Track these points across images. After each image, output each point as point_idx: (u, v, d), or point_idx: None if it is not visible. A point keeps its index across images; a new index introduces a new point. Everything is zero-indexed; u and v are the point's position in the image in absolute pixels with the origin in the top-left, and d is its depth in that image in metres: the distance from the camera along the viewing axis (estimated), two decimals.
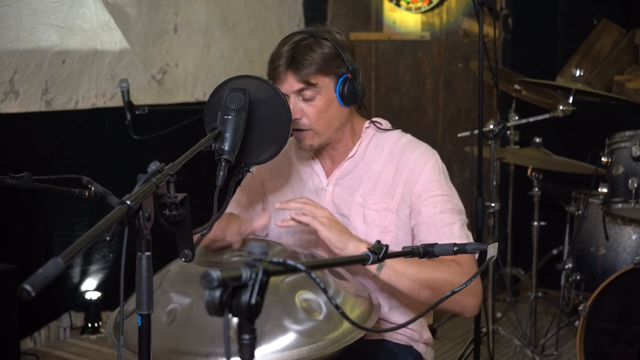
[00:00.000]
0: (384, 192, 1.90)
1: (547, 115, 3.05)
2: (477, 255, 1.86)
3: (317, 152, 1.99)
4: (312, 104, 1.83)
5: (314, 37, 1.82)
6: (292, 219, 1.75)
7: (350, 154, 1.95)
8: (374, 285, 1.87)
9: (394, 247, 1.86)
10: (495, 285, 3.76)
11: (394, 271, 1.70)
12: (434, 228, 1.84)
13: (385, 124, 2.00)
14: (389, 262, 1.68)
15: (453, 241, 1.81)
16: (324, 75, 1.82)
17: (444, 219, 1.85)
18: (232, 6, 4.25)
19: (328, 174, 1.98)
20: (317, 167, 1.99)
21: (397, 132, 1.98)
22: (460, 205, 1.90)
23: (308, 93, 1.82)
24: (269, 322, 1.45)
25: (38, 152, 3.38)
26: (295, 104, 1.83)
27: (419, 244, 1.83)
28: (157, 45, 3.84)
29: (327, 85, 1.83)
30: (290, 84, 1.82)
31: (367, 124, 1.98)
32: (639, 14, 4.32)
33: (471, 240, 1.89)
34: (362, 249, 1.68)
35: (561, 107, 3.00)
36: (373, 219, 1.89)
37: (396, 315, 1.93)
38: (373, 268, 1.68)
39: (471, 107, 4.45)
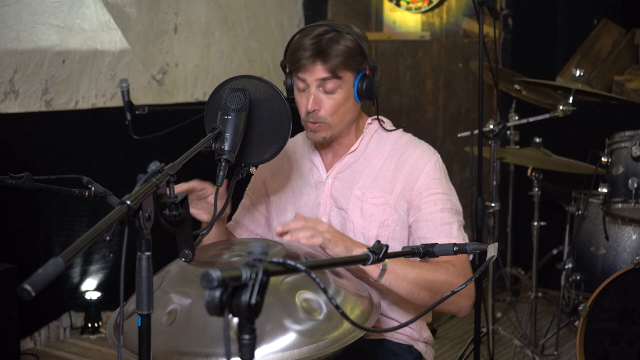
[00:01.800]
0: (383, 187, 1.91)
1: (547, 115, 3.05)
2: (471, 257, 1.87)
3: (320, 145, 2.00)
4: (332, 96, 1.84)
5: (336, 30, 1.82)
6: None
7: (352, 149, 1.96)
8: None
9: (392, 242, 1.87)
10: (495, 285, 3.76)
11: (394, 275, 1.70)
12: (434, 225, 1.85)
13: (388, 122, 2.01)
14: (390, 266, 1.68)
15: (451, 240, 1.82)
16: (347, 69, 1.83)
17: (443, 217, 1.85)
18: (232, 6, 4.24)
19: (328, 168, 1.99)
20: (318, 161, 2.00)
21: (398, 131, 2.00)
22: (458, 205, 1.91)
23: (330, 85, 1.83)
24: (269, 322, 1.45)
25: (38, 152, 3.38)
26: (316, 95, 1.83)
27: (418, 242, 1.85)
28: (157, 45, 3.84)
29: (348, 80, 1.85)
30: (317, 73, 1.81)
31: (369, 120, 1.99)
32: (639, 14, 4.32)
33: (467, 241, 1.89)
34: None
35: (561, 107, 3.00)
36: (371, 213, 1.90)
37: (397, 312, 1.93)
38: (375, 273, 1.68)
39: (471, 107, 4.45)
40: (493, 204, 3.08)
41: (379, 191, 1.91)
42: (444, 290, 1.75)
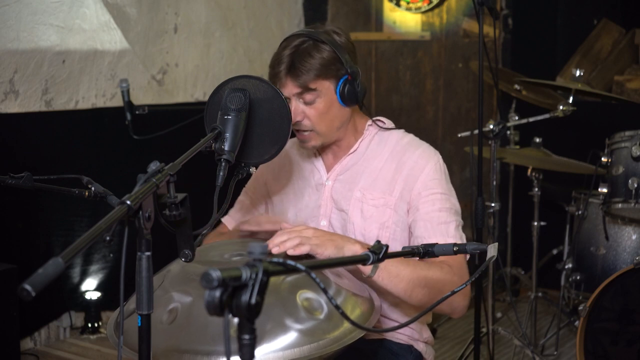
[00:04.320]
0: (383, 188, 1.91)
1: (547, 115, 3.05)
2: (468, 257, 1.87)
3: (320, 149, 2.00)
4: (313, 106, 1.85)
5: (313, 39, 1.83)
6: (290, 255, 1.66)
7: (352, 150, 1.96)
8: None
9: (392, 244, 1.87)
10: (495, 285, 3.76)
11: (387, 273, 1.70)
12: (431, 225, 1.85)
13: (389, 123, 2.02)
14: (383, 264, 1.68)
15: (448, 239, 1.82)
16: (324, 79, 1.84)
17: (441, 216, 1.85)
18: (232, 6, 4.25)
19: (328, 169, 1.99)
20: (319, 163, 2.01)
21: (400, 132, 2.00)
22: (457, 206, 1.91)
23: (308, 97, 1.84)
24: (270, 321, 1.45)
25: (38, 152, 3.38)
26: (297, 107, 1.85)
27: (416, 242, 1.86)
28: (157, 45, 3.84)
29: (327, 88, 1.85)
30: (290, 89, 1.84)
31: (369, 121, 1.99)
32: (639, 14, 4.32)
33: (464, 241, 1.89)
34: (356, 249, 1.68)
35: (561, 107, 3.00)
36: (371, 214, 1.90)
37: (396, 313, 1.93)
38: (367, 270, 1.68)
39: (471, 107, 4.45)
40: (493, 204, 3.08)
41: (378, 192, 1.91)
42: (439, 289, 1.75)
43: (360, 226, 1.90)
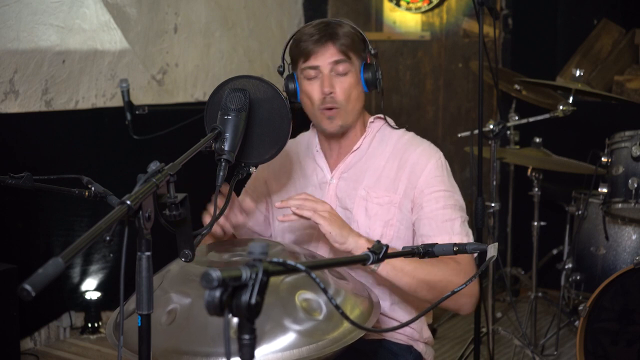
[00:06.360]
0: (387, 186, 1.91)
1: (547, 115, 3.05)
2: (476, 255, 1.87)
3: (324, 143, 2.00)
4: (345, 79, 1.86)
5: (335, 21, 1.88)
6: (294, 213, 1.74)
7: (355, 147, 1.96)
8: (374, 281, 1.87)
9: (396, 242, 1.88)
10: (495, 285, 3.76)
11: (392, 267, 1.70)
12: (435, 223, 1.85)
13: (390, 122, 2.02)
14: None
15: (453, 237, 1.83)
16: (354, 53, 1.87)
17: (445, 214, 1.86)
18: (232, 6, 4.24)
19: (332, 168, 1.99)
20: (322, 161, 2.00)
21: (400, 130, 2.00)
22: (461, 202, 1.92)
23: (342, 67, 1.86)
24: (269, 321, 1.45)
25: (38, 152, 3.38)
26: (330, 78, 1.86)
27: (420, 240, 1.86)
28: (157, 45, 3.84)
29: (356, 64, 1.89)
30: (329, 55, 1.85)
31: (371, 119, 1.99)
32: (639, 14, 4.32)
33: (471, 237, 1.90)
34: (361, 244, 1.69)
35: (561, 107, 3.00)
36: (375, 212, 1.90)
37: (398, 312, 1.93)
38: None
39: (471, 107, 4.45)
40: (493, 204, 3.08)
41: (383, 190, 1.91)
42: (445, 287, 1.75)
43: (365, 225, 1.90)
